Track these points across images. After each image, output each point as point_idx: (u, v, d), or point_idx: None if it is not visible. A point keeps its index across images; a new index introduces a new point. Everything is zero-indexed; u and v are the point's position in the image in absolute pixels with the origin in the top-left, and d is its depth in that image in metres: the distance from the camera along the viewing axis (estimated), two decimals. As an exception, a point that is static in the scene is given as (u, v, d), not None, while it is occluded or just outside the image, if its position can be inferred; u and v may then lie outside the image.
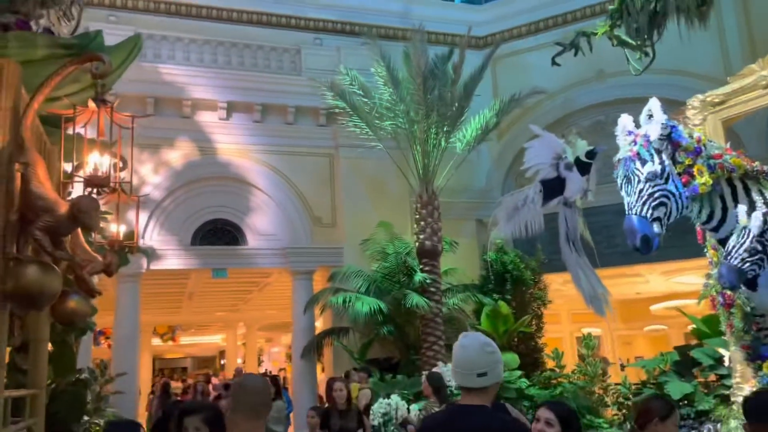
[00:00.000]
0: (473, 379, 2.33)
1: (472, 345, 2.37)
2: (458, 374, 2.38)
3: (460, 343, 2.41)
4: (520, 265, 11.80)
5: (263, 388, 2.50)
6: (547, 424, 2.74)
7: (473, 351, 2.36)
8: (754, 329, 6.37)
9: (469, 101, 11.05)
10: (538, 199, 7.26)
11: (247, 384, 2.51)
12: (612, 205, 12.25)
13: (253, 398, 2.43)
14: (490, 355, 2.37)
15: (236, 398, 2.47)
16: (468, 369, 2.34)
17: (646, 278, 16.47)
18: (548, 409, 2.83)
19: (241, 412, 2.41)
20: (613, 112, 13.64)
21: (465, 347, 2.38)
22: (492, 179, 14.02)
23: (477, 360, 2.34)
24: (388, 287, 11.26)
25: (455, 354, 2.41)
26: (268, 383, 2.61)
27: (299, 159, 12.61)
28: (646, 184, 5.66)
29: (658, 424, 2.92)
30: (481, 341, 2.39)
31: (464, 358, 2.36)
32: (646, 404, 3.06)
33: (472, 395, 2.34)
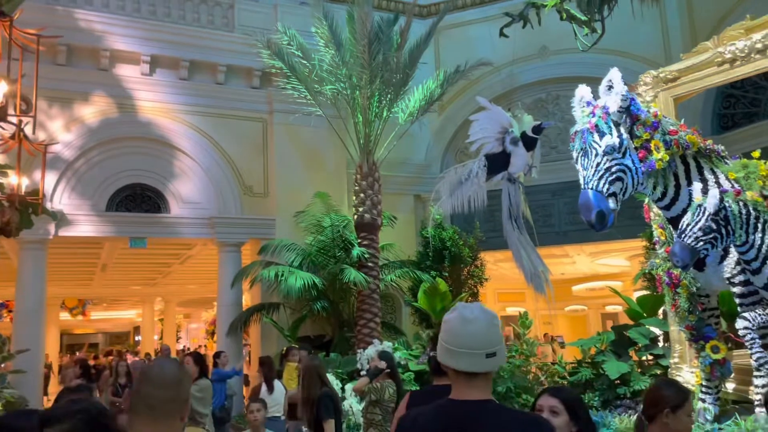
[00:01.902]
0: (480, 361, 1.80)
1: (481, 318, 1.84)
2: (457, 355, 1.82)
3: (462, 315, 1.86)
4: (458, 242, 11.55)
5: (174, 380, 1.82)
6: (552, 412, 2.32)
7: (482, 325, 1.83)
8: (699, 309, 6.31)
9: (413, 69, 10.56)
10: (482, 173, 6.95)
11: (151, 375, 1.84)
12: (549, 184, 12.46)
13: (158, 393, 1.77)
14: (498, 330, 1.87)
15: (137, 393, 1.80)
16: (474, 347, 1.81)
17: (573, 259, 16.75)
18: (552, 396, 2.40)
19: (143, 412, 1.76)
20: (554, 90, 13.66)
21: (470, 321, 1.84)
22: (431, 154, 13.68)
23: (486, 336, 1.83)
24: (323, 262, 10.70)
25: (453, 329, 1.85)
26: (185, 372, 1.91)
27: (230, 122, 11.73)
28: (603, 157, 5.43)
29: (669, 416, 2.56)
30: (489, 314, 1.88)
31: (470, 334, 1.82)
32: (654, 392, 2.69)
33: (474, 383, 1.82)
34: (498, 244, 12.04)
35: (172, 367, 1.87)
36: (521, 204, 6.97)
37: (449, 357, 1.86)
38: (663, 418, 2.56)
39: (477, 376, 1.84)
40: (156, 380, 1.80)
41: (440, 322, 7.20)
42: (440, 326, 1.94)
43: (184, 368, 1.93)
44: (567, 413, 2.34)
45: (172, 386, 1.80)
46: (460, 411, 1.82)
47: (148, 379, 1.82)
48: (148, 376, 1.83)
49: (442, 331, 1.89)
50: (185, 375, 1.90)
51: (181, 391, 1.82)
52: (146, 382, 1.81)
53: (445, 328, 1.89)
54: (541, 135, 6.79)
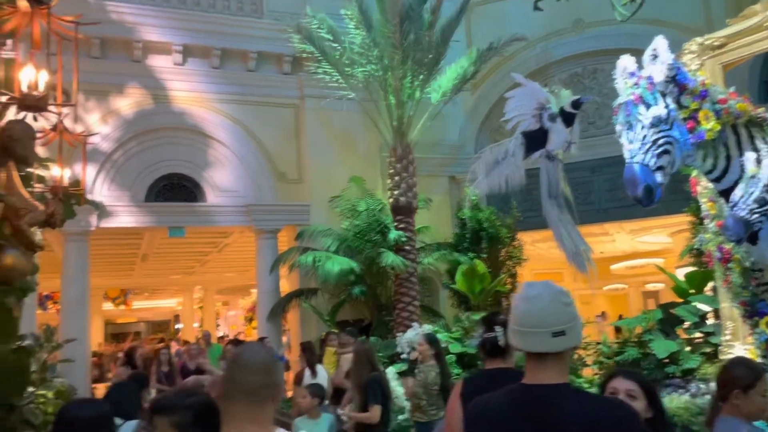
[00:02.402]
0: (546, 341, 1.71)
1: (543, 295, 1.76)
2: (522, 335, 1.75)
3: (525, 294, 1.80)
4: (496, 223, 11.37)
5: (266, 364, 1.84)
6: (629, 396, 2.19)
7: (545, 302, 1.75)
8: (752, 284, 6.07)
9: (446, 48, 10.35)
10: (520, 151, 6.77)
11: (243, 361, 1.84)
12: (588, 161, 12.15)
13: (253, 378, 1.78)
14: (566, 307, 1.76)
15: (232, 379, 1.80)
16: (538, 326, 1.72)
17: (613, 237, 16.39)
18: (627, 379, 2.27)
19: (239, 398, 1.76)
20: (591, 63, 13.27)
21: (532, 299, 1.77)
22: (465, 134, 13.47)
23: (551, 313, 1.74)
24: (360, 246, 10.66)
25: (517, 308, 1.80)
26: (272, 357, 1.91)
27: (262, 109, 11.72)
28: (649, 130, 5.20)
29: (740, 396, 2.42)
30: (554, 290, 1.79)
31: (533, 311, 1.75)
32: (725, 372, 2.54)
33: (545, 365, 1.73)
34: (536, 223, 11.84)
35: (262, 352, 1.90)
36: (560, 182, 6.79)
37: (516, 337, 1.79)
38: (733, 399, 2.42)
39: (547, 358, 1.73)
40: (250, 366, 1.81)
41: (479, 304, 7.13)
42: (484, 309, 1.89)
43: (269, 353, 1.95)
44: (645, 397, 2.22)
45: (264, 371, 1.82)
46: (535, 395, 1.72)
47: (242, 365, 1.83)
48: (241, 362, 1.84)
49: (510, 312, 1.83)
50: (271, 360, 1.90)
51: (273, 375, 1.84)
52: (240, 368, 1.82)
53: (512, 308, 1.83)
54: (580, 110, 6.61)
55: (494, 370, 2.98)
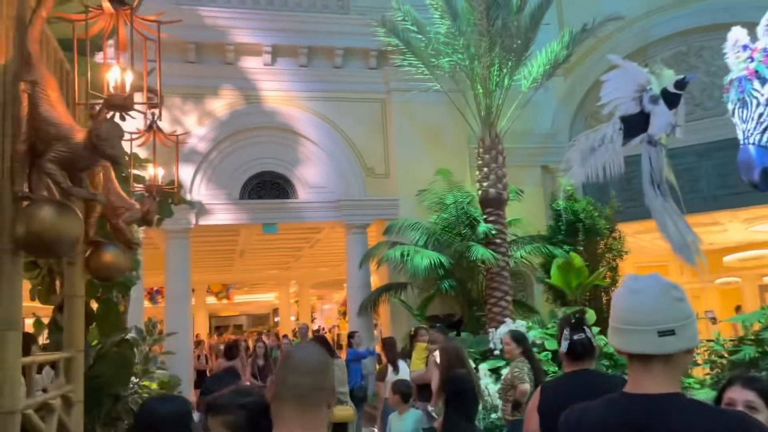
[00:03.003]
0: (652, 340, 1.48)
1: (650, 289, 1.53)
2: (624, 333, 1.53)
3: (629, 287, 1.57)
4: (593, 214, 10.84)
5: (320, 367, 1.70)
6: (748, 408, 1.89)
7: (652, 297, 1.51)
8: None
9: (536, 32, 9.95)
10: (618, 137, 6.41)
11: (295, 363, 1.71)
12: (695, 145, 11.30)
13: (305, 381, 1.66)
14: (678, 303, 1.51)
15: (283, 382, 1.69)
16: (643, 323, 1.49)
17: (724, 227, 15.20)
18: (746, 388, 1.97)
19: (290, 400, 1.65)
20: (696, 41, 12.33)
21: (637, 292, 1.54)
22: (558, 121, 12.92)
23: (659, 309, 1.50)
24: (449, 240, 10.49)
25: (618, 303, 1.57)
26: (325, 359, 1.77)
27: (349, 105, 11.80)
28: (766, 107, 4.74)
29: None
30: (663, 283, 1.54)
31: (637, 307, 1.52)
32: None
33: (651, 370, 1.49)
34: (637, 213, 11.18)
35: (317, 354, 1.76)
36: (664, 168, 6.34)
37: (616, 336, 1.57)
38: None
39: (653, 361, 1.50)
40: (302, 368, 1.69)
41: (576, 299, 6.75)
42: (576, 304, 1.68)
43: (327, 355, 1.82)
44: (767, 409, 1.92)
45: (318, 374, 1.70)
46: (638, 408, 1.49)
47: (293, 367, 1.71)
48: (293, 364, 1.72)
49: (611, 308, 1.61)
50: (329, 361, 1.79)
51: (327, 379, 1.72)
52: (291, 370, 1.71)
53: (612, 304, 1.60)
54: (684, 90, 6.13)
55: (576, 374, 2.75)
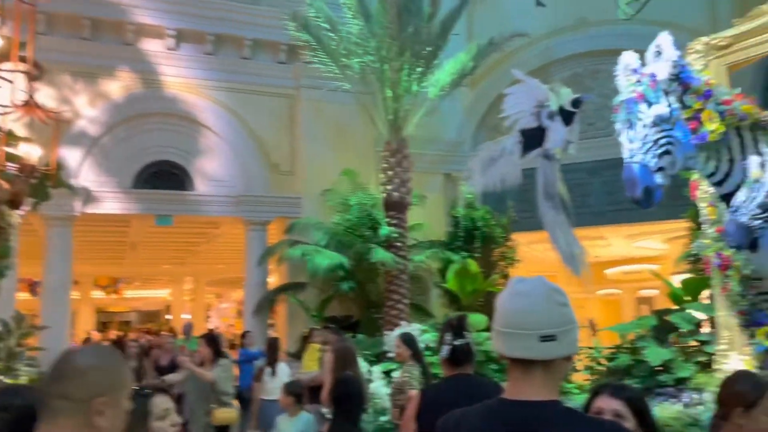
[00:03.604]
0: (533, 345, 1.43)
1: (534, 292, 1.48)
2: (505, 337, 1.47)
3: (513, 289, 1.51)
4: (490, 222, 11.16)
5: (70, 371, 1.48)
6: (616, 416, 1.91)
7: (536, 300, 1.46)
8: (751, 293, 5.87)
9: (445, 41, 10.11)
10: (517, 150, 6.56)
11: (54, 363, 1.50)
12: (586, 162, 11.93)
13: (47, 386, 1.48)
14: (561, 308, 1.48)
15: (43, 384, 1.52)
16: (525, 327, 1.44)
17: (608, 241, 16.17)
18: (614, 397, 1.97)
19: (46, 407, 1.46)
20: (592, 64, 13.05)
21: (520, 295, 1.48)
22: (463, 131, 13.23)
23: (541, 313, 1.45)
24: (351, 241, 10.44)
25: (502, 305, 1.50)
26: (96, 362, 1.49)
27: (255, 98, 11.48)
28: (651, 129, 5.00)
29: (742, 416, 2.16)
30: (547, 287, 1.50)
31: (519, 310, 1.46)
32: (726, 388, 2.28)
33: (531, 376, 1.45)
34: (531, 224, 11.57)
35: (79, 357, 1.51)
36: (557, 182, 6.60)
37: (498, 340, 1.50)
38: (736, 418, 2.17)
39: (533, 367, 1.45)
40: (53, 373, 1.48)
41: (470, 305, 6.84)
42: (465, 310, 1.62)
43: (104, 360, 1.52)
44: (634, 418, 1.93)
45: (65, 380, 1.45)
46: (517, 415, 1.43)
47: (50, 370, 1.50)
48: (52, 367, 1.50)
49: (495, 311, 1.54)
50: (91, 368, 1.47)
51: (81, 388, 1.44)
52: (48, 373, 1.50)
53: (496, 306, 1.53)
54: (580, 109, 6.41)
55: (456, 378, 2.74)
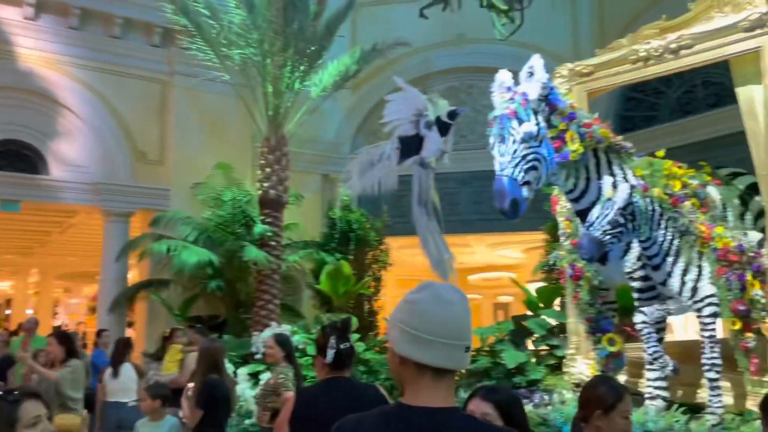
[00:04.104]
0: (460, 356, 1.44)
1: (461, 302, 1.46)
2: (433, 345, 1.41)
3: (439, 295, 1.45)
4: (365, 225, 11.29)
5: None
6: (485, 418, 1.99)
7: (463, 310, 1.45)
8: (599, 302, 6.42)
9: (330, 41, 10.09)
10: (395, 156, 6.73)
11: None
12: (457, 173, 12.44)
13: None
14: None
15: None
16: (455, 338, 1.42)
17: (473, 249, 16.99)
18: (485, 400, 2.06)
19: None
20: (468, 79, 13.66)
21: (451, 303, 1.44)
22: (343, 133, 13.29)
23: (467, 324, 1.46)
24: (222, 238, 10.06)
25: (427, 312, 1.43)
26: None
27: (124, 81, 10.73)
28: (520, 145, 5.33)
29: (601, 418, 2.32)
30: (466, 297, 1.49)
31: (451, 319, 1.43)
32: (586, 392, 2.43)
33: (442, 384, 1.43)
34: (403, 229, 11.91)
35: None
36: (431, 190, 6.82)
37: (419, 347, 1.42)
38: (595, 421, 2.34)
39: (447, 375, 1.45)
40: None
41: (341, 306, 6.83)
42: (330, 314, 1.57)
43: None
44: (502, 419, 2.01)
45: None
46: (422, 422, 1.41)
47: None
48: None
49: (404, 312, 1.47)
50: None
51: None
52: None
53: (410, 309, 1.46)
54: (455, 121, 6.66)
55: (333, 381, 2.72)
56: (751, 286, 5.20)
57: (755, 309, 5.19)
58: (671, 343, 6.68)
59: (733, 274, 5.19)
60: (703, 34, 5.81)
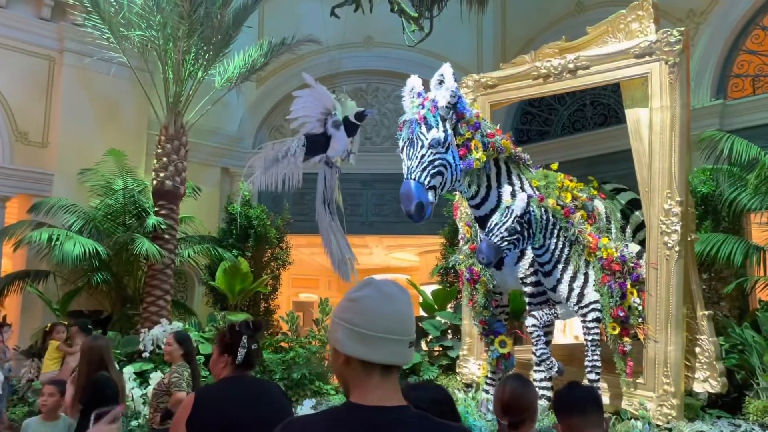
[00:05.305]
0: (406, 351, 1.42)
1: (403, 296, 1.44)
2: (379, 343, 1.39)
3: (382, 291, 1.43)
4: (266, 222, 11.05)
5: None
6: None
7: (407, 305, 1.44)
8: (492, 306, 6.68)
9: (237, 32, 9.80)
10: (301, 153, 6.67)
11: None
12: (360, 174, 12.54)
13: None
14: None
15: None
16: (401, 333, 1.41)
17: (371, 250, 17.16)
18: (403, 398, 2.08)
19: None
20: (374, 81, 13.78)
21: (394, 298, 1.42)
22: (245, 126, 12.95)
23: (411, 319, 1.45)
24: (110, 229, 9.47)
25: (370, 308, 1.41)
26: None
27: (7, 54, 9.85)
28: (428, 150, 5.46)
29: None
30: (407, 291, 1.47)
31: (395, 315, 1.41)
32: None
33: (389, 381, 1.41)
34: (304, 228, 11.82)
35: None
36: (336, 189, 6.81)
37: (365, 345, 1.39)
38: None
39: (393, 373, 1.43)
40: None
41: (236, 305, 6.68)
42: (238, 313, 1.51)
43: None
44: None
45: None
46: (376, 421, 1.37)
47: None
48: None
49: (348, 311, 1.43)
50: None
51: None
52: None
53: (353, 307, 1.43)
54: (362, 122, 6.69)
55: (235, 379, 2.65)
56: (630, 294, 5.62)
57: (633, 315, 5.62)
58: (557, 346, 7.08)
59: (615, 283, 5.60)
60: (599, 57, 6.20)
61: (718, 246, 7.71)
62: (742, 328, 6.82)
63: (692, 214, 6.53)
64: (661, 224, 5.78)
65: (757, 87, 10.03)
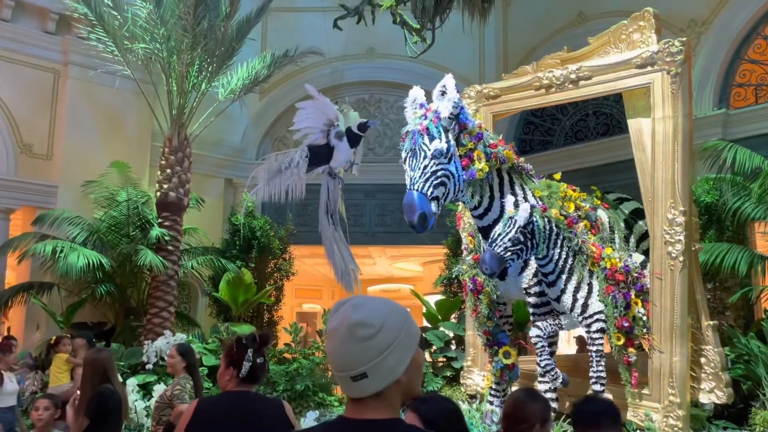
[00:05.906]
0: (349, 385, 1.41)
1: (338, 331, 1.42)
2: (335, 376, 1.49)
3: (329, 327, 1.47)
4: (269, 233, 11.06)
5: None
6: None
7: (339, 341, 1.42)
8: (496, 316, 6.65)
9: (241, 44, 9.86)
10: (304, 164, 6.69)
11: None
12: (363, 185, 12.57)
13: None
14: (366, 342, 1.39)
15: None
16: (337, 368, 1.43)
17: (374, 260, 17.16)
18: (413, 411, 2.08)
19: None
20: (377, 92, 13.83)
21: (329, 335, 1.45)
22: (249, 138, 13.01)
23: (346, 354, 1.41)
24: (114, 240, 9.49)
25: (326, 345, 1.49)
26: None
27: (12, 67, 9.93)
28: (431, 161, 5.47)
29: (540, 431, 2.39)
30: (349, 323, 1.41)
31: (332, 351, 1.45)
32: (520, 407, 2.44)
33: (362, 402, 1.43)
34: (307, 238, 11.84)
35: None
36: (339, 200, 6.82)
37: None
38: None
39: (356, 401, 1.44)
40: None
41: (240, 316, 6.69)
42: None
43: None
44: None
45: None
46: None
47: None
48: None
49: None
50: None
51: None
52: None
53: None
54: (365, 133, 6.71)
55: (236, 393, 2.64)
56: (634, 304, 5.59)
57: (637, 326, 5.59)
58: (561, 357, 7.04)
59: (619, 293, 5.57)
60: (601, 67, 6.21)
61: (723, 255, 7.69)
62: (747, 338, 6.79)
63: (696, 223, 6.51)
64: (665, 234, 5.76)
65: (759, 96, 10.04)
